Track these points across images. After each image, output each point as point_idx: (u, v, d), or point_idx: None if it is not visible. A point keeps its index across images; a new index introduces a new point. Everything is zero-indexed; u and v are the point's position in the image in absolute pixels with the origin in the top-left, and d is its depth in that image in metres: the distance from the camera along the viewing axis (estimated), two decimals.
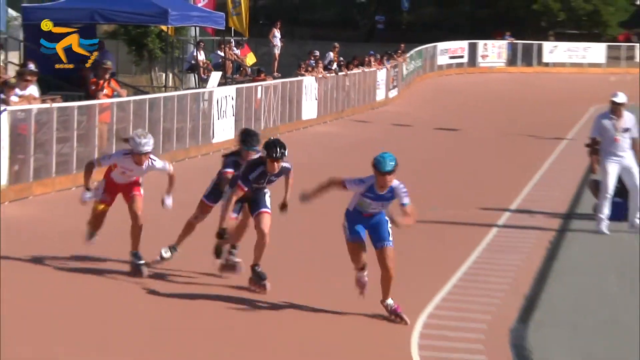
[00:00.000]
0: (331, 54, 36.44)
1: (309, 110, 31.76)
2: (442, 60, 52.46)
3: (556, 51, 56.43)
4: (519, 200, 19.43)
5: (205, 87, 26.65)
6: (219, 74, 28.27)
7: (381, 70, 39.51)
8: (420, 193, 19.50)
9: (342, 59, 36.67)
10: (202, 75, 29.96)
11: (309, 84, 31.83)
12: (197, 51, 30.86)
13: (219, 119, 25.15)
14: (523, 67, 55.13)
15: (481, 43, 54.80)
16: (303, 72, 32.24)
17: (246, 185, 11.68)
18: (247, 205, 12.09)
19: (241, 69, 33.20)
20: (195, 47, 31.29)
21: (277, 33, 38.75)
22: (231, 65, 32.30)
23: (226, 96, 25.75)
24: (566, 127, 32.90)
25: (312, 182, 11.68)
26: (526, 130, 31.80)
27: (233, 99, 26.05)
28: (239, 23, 33.67)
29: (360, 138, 29.15)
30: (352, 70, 36.32)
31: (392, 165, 10.68)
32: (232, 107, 25.97)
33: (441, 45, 52.23)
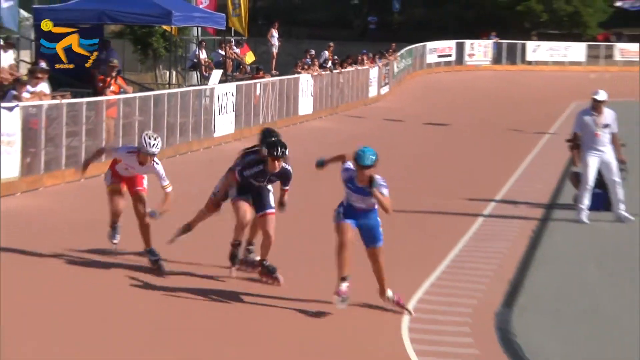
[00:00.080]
0: (326, 52, 36.37)
1: (305, 106, 31.72)
2: (431, 58, 52.40)
3: (539, 50, 56.37)
4: (504, 191, 19.43)
5: (206, 84, 26.59)
6: (220, 71, 28.19)
7: (373, 68, 39.45)
8: (410, 184, 19.56)
9: (336, 57, 36.62)
10: (204, 73, 29.91)
11: (305, 81, 31.79)
12: (199, 50, 30.81)
13: (220, 114, 25.13)
14: (508, 66, 55.05)
15: (468, 42, 54.73)
16: (299, 70, 32.20)
17: (240, 178, 11.54)
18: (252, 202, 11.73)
19: (241, 67, 33.13)
20: (197, 46, 31.25)
21: (275, 33, 38.69)
22: (231, 63, 32.23)
23: (227, 93, 25.72)
24: (548, 122, 32.89)
25: (309, 175, 11.68)
26: (511, 125, 31.79)
27: (233, 96, 26.02)
28: (239, 23, 33.57)
29: (353, 133, 29.08)
30: (346, 68, 36.27)
31: (372, 160, 10.43)
32: (232, 103, 25.94)
33: (430, 45, 52.17)
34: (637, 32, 59.92)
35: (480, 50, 55.13)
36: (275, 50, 38.16)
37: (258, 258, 11.99)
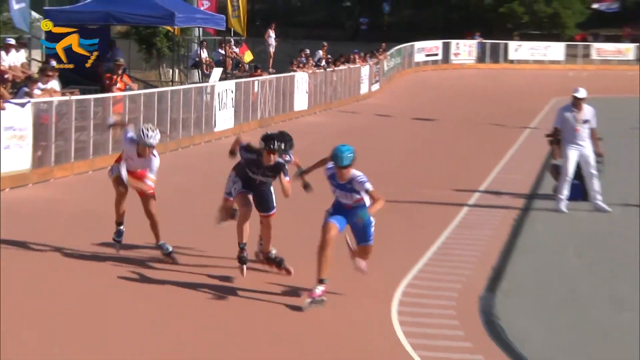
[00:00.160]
0: (320, 52, 36.33)
1: (300, 102, 31.69)
2: (419, 57, 52.35)
3: (520, 49, 56.35)
4: (488, 182, 19.42)
5: (207, 82, 26.55)
6: (220, 69, 28.15)
7: (365, 66, 39.43)
8: (399, 176, 19.56)
9: (330, 56, 36.58)
10: (205, 71, 29.83)
11: (301, 79, 31.76)
12: (201, 49, 30.73)
13: (220, 110, 25.10)
14: (491, 64, 55.01)
15: (454, 42, 54.69)
16: (295, 68, 32.17)
17: (242, 156, 11.12)
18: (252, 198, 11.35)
19: (240, 65, 33.06)
20: (198, 45, 31.17)
21: (272, 33, 38.63)
22: (231, 62, 32.16)
23: (226, 90, 25.69)
24: (529, 117, 32.86)
25: (304, 166, 11.57)
26: (494, 120, 31.76)
27: (232, 92, 25.98)
28: (238, 24, 33.50)
29: (346, 127, 29.13)
30: (339, 66, 36.25)
31: (350, 159, 10.11)
32: (232, 100, 25.91)
33: (418, 44, 52.12)
34: (613, 33, 60.05)
35: (465, 50, 55.09)
36: (272, 49, 38.10)
37: (275, 251, 11.68)
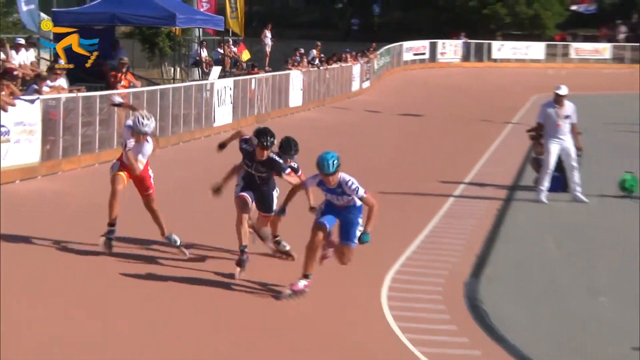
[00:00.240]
0: (314, 51, 36.26)
1: (295, 98, 31.64)
2: (407, 56, 52.28)
3: (503, 49, 56.32)
4: (472, 175, 19.43)
5: (207, 80, 26.51)
6: (219, 68, 28.11)
7: (356, 65, 39.37)
8: (389, 169, 19.55)
9: (323, 55, 36.52)
10: (205, 70, 29.79)
11: (296, 77, 31.70)
12: (201, 49, 30.68)
13: (219, 106, 25.05)
14: (475, 63, 54.97)
15: (440, 42, 54.62)
16: (290, 67, 32.12)
17: (241, 146, 10.84)
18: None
19: (238, 64, 33.00)
20: (199, 45, 31.12)
21: (268, 34, 38.56)
22: (229, 61, 32.10)
23: (225, 87, 25.64)
24: (511, 113, 32.89)
25: (300, 160, 11.52)
26: (478, 116, 31.78)
27: (231, 90, 25.94)
28: (236, 25, 33.43)
29: (339, 122, 29.14)
30: (331, 65, 36.19)
31: (335, 166, 9.60)
32: (230, 97, 25.86)
33: (406, 44, 52.04)
34: (591, 33, 60.11)
35: (451, 49, 55.04)
36: (268, 49, 38.03)
37: (288, 247, 11.53)
